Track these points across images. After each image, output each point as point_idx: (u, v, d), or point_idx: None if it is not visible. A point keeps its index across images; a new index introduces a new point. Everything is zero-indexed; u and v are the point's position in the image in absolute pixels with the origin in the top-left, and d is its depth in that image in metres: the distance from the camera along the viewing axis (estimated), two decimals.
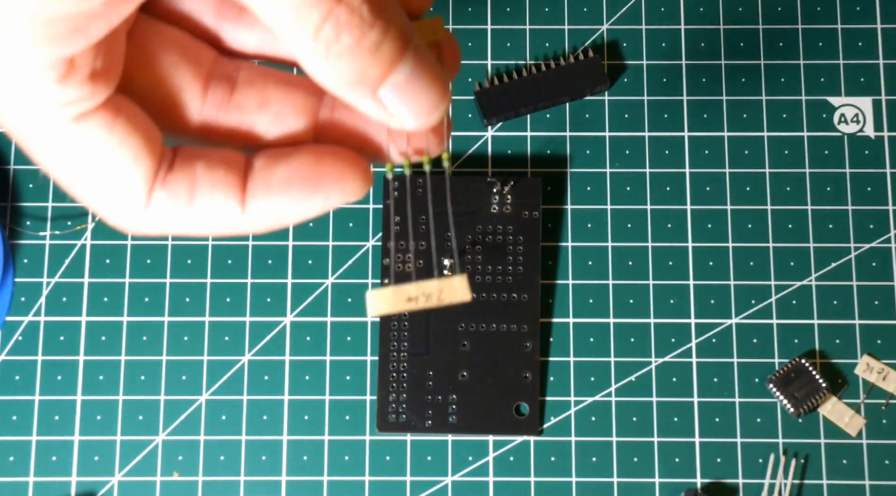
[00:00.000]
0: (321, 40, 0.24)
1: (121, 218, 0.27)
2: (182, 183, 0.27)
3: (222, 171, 0.27)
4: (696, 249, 0.53)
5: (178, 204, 0.27)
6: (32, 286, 0.53)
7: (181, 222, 0.27)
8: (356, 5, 0.24)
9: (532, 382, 0.52)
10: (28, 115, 0.25)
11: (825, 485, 0.51)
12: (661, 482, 0.51)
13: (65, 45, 0.24)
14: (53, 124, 0.25)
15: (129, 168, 0.26)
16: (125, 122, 0.26)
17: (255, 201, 0.27)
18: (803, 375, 0.51)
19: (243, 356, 0.53)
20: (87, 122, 0.25)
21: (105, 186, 0.26)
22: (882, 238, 0.53)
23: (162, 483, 0.51)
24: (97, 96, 0.25)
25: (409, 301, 0.28)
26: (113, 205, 0.27)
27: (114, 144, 0.26)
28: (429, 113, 0.26)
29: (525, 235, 0.53)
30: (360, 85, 0.25)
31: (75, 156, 0.26)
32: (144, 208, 0.27)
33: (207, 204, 0.27)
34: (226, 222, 0.27)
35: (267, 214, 0.27)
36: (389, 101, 0.25)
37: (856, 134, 0.55)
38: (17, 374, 0.52)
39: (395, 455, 0.51)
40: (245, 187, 0.27)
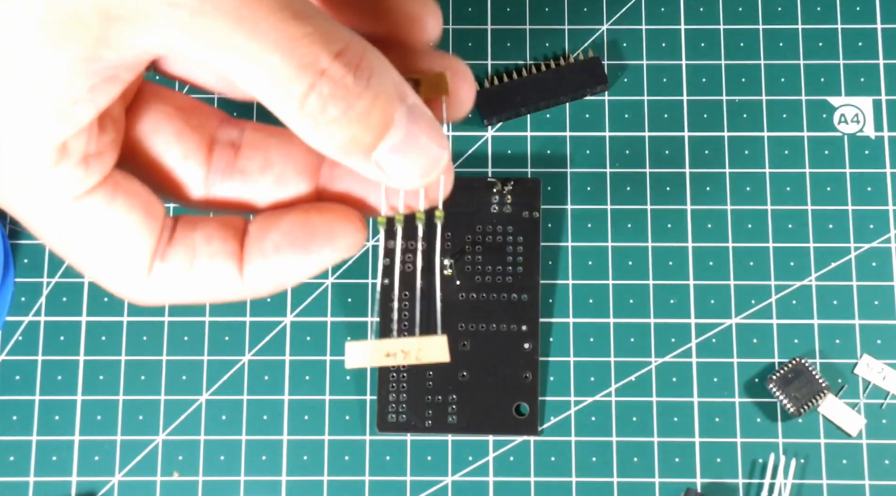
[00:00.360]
0: (307, 113, 0.24)
1: (123, 290, 0.27)
2: (181, 254, 0.27)
3: (219, 241, 0.27)
4: (696, 249, 0.53)
5: (179, 274, 0.27)
6: (33, 286, 0.53)
7: (182, 291, 0.27)
8: (339, 76, 0.23)
9: (532, 382, 0.52)
10: (24, 199, 0.25)
11: (825, 484, 0.51)
12: (661, 482, 0.51)
13: (54, 133, 0.24)
14: (51, 205, 0.25)
15: (129, 244, 0.26)
16: (124, 200, 0.26)
17: (251, 268, 0.27)
18: (803, 375, 0.51)
19: (243, 356, 0.53)
20: (84, 202, 0.25)
21: (106, 261, 0.26)
22: (882, 238, 0.53)
23: (162, 483, 0.51)
24: (93, 177, 0.25)
25: (388, 356, 0.28)
26: (114, 278, 0.27)
27: (112, 222, 0.26)
28: (426, 172, 0.26)
29: (525, 235, 0.53)
30: (354, 150, 0.25)
31: (74, 234, 0.26)
32: (145, 280, 0.27)
33: (206, 273, 0.27)
34: (226, 290, 0.27)
35: (264, 279, 0.27)
36: (385, 163, 0.25)
37: (856, 134, 0.55)
38: (17, 374, 0.52)
39: (395, 455, 0.51)
40: (242, 254, 0.27)
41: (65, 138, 0.24)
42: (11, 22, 0.23)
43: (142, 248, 0.26)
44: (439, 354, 0.28)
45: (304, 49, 0.23)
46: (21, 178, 0.25)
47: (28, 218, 0.26)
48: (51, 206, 0.25)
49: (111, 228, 0.26)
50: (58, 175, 0.25)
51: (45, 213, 0.25)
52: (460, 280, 0.53)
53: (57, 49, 0.23)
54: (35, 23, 0.23)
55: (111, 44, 0.23)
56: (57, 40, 0.23)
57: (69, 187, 0.25)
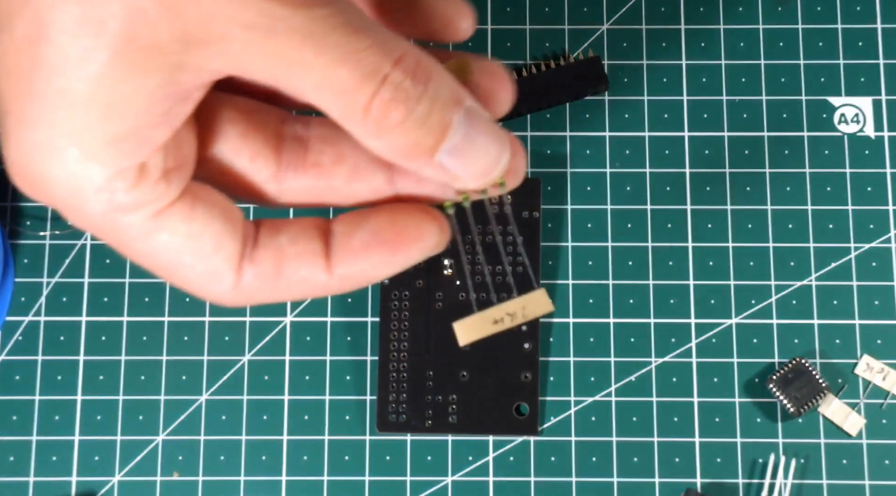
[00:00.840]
0: (371, 120, 0.25)
1: (213, 297, 0.28)
2: (268, 258, 0.27)
3: (305, 242, 0.28)
4: (696, 249, 0.53)
5: (267, 278, 0.27)
6: (32, 286, 0.53)
7: (271, 293, 0.28)
8: (399, 81, 0.24)
9: (532, 382, 0.52)
10: (106, 221, 0.26)
11: (825, 484, 0.51)
12: (660, 482, 0.51)
13: (132, 156, 0.25)
14: (133, 225, 0.26)
15: (214, 255, 0.27)
16: (203, 209, 0.27)
17: (340, 267, 0.28)
18: (803, 375, 0.51)
19: (243, 356, 0.53)
20: (165, 218, 0.26)
21: (192, 270, 0.27)
22: (882, 238, 0.53)
23: (162, 483, 0.51)
24: (172, 192, 0.26)
25: (496, 323, 0.29)
26: (203, 287, 0.27)
27: (194, 234, 0.26)
28: (489, 170, 0.26)
29: (525, 235, 0.53)
30: (416, 155, 0.25)
31: (158, 250, 0.27)
32: (234, 287, 0.27)
33: (295, 275, 0.27)
34: (314, 289, 0.28)
35: (353, 277, 0.28)
36: (449, 164, 0.26)
37: (856, 134, 0.55)
38: (17, 374, 0.52)
39: (395, 455, 0.51)
40: (329, 254, 0.28)
41: (143, 159, 0.25)
42: (92, 55, 0.23)
43: (227, 253, 0.27)
44: (543, 307, 0.28)
45: (368, 59, 0.24)
46: (102, 203, 0.25)
47: (110, 238, 0.27)
48: (131, 225, 0.26)
49: (194, 239, 0.26)
50: (138, 194, 0.25)
51: (128, 231, 0.26)
52: (460, 280, 0.53)
53: (137, 79, 0.24)
54: (115, 54, 0.23)
55: (188, 68, 0.24)
56: (137, 71, 0.24)
57: (150, 204, 0.26)
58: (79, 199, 0.25)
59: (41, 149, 0.25)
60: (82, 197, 0.25)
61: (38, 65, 0.24)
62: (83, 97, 0.24)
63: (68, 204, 0.26)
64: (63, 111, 0.24)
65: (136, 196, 0.25)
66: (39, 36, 0.23)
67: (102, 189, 0.25)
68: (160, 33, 0.23)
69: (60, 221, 0.54)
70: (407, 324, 0.52)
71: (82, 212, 0.26)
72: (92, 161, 0.24)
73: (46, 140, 0.24)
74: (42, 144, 0.24)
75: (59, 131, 0.24)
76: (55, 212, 0.54)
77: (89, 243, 0.54)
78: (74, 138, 0.24)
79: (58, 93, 0.24)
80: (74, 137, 0.24)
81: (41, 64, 0.24)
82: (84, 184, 0.25)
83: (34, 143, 0.25)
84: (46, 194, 0.26)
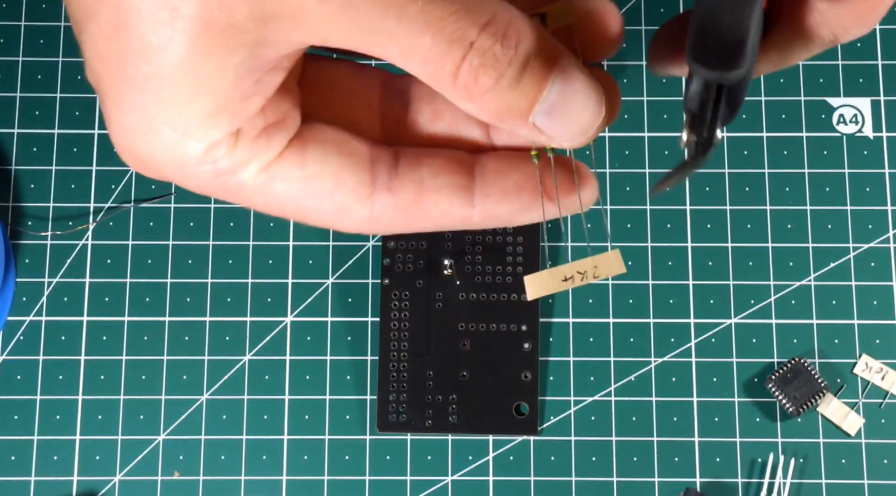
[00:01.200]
0: (460, 86, 0.25)
1: (351, 228, 0.28)
2: (408, 189, 0.27)
3: (447, 176, 0.27)
4: (695, 249, 0.54)
5: (405, 209, 0.27)
6: (34, 286, 0.53)
7: (409, 223, 0.28)
8: (488, 47, 0.24)
9: (532, 382, 0.52)
10: (219, 185, 0.26)
11: (824, 484, 0.51)
12: (660, 481, 0.51)
13: (226, 127, 0.25)
14: (245, 183, 0.26)
15: (336, 192, 0.27)
16: (316, 153, 0.27)
17: (485, 204, 0.28)
18: (802, 375, 0.51)
19: (244, 356, 0.53)
20: (276, 168, 0.26)
21: (320, 212, 0.27)
22: (881, 238, 0.53)
23: (163, 482, 0.51)
24: (276, 145, 0.26)
25: (566, 281, 0.28)
26: (337, 224, 0.28)
27: (310, 177, 0.27)
28: (585, 131, 0.26)
29: (525, 235, 0.53)
30: (510, 116, 0.25)
31: (279, 199, 0.27)
32: (368, 218, 0.27)
33: (435, 208, 0.27)
34: (453, 222, 0.28)
35: (495, 217, 0.28)
36: (543, 125, 0.26)
37: (854, 134, 0.55)
38: (18, 374, 0.52)
39: (395, 455, 0.51)
40: (473, 190, 0.27)
41: (238, 126, 0.25)
42: (172, 40, 0.24)
43: (350, 188, 0.27)
44: (615, 267, 0.28)
45: (453, 26, 0.24)
46: (204, 172, 0.26)
47: (229, 197, 0.27)
48: (245, 182, 0.26)
49: (311, 181, 0.27)
50: (239, 155, 0.26)
51: (242, 190, 0.26)
52: (460, 280, 0.53)
53: (219, 59, 0.24)
54: (194, 38, 0.24)
55: (269, 43, 0.24)
56: (218, 51, 0.24)
57: (256, 160, 0.26)
58: (184, 172, 0.26)
59: (139, 130, 0.25)
60: (187, 170, 0.26)
61: (125, 51, 0.24)
62: (170, 80, 0.24)
63: (176, 178, 0.26)
64: (153, 94, 0.24)
65: (238, 157, 0.26)
66: (122, 24, 0.24)
67: (202, 161, 0.25)
68: (235, 13, 0.24)
69: (62, 221, 0.54)
70: (407, 324, 0.52)
71: (192, 182, 0.26)
72: (187, 137, 0.25)
73: (142, 122, 0.25)
74: (139, 126, 0.25)
75: (153, 113, 0.25)
76: (56, 212, 0.54)
77: (90, 243, 0.54)
78: (167, 118, 0.25)
79: (147, 77, 0.24)
80: (167, 117, 0.25)
81: (128, 50, 0.24)
82: (184, 159, 0.25)
83: (132, 125, 0.25)
84: (153, 171, 0.26)
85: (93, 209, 0.54)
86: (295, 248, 0.54)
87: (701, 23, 0.25)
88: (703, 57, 0.25)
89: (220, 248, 0.54)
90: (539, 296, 0.28)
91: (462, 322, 0.52)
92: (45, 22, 0.56)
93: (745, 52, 0.25)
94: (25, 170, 0.55)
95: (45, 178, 0.54)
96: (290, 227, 0.54)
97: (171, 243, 0.54)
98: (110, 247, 0.54)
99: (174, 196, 0.54)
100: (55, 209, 0.54)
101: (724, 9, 0.25)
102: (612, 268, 0.28)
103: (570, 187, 0.28)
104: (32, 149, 0.55)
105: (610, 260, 0.28)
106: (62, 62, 0.56)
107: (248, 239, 0.54)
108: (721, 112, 0.26)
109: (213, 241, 0.54)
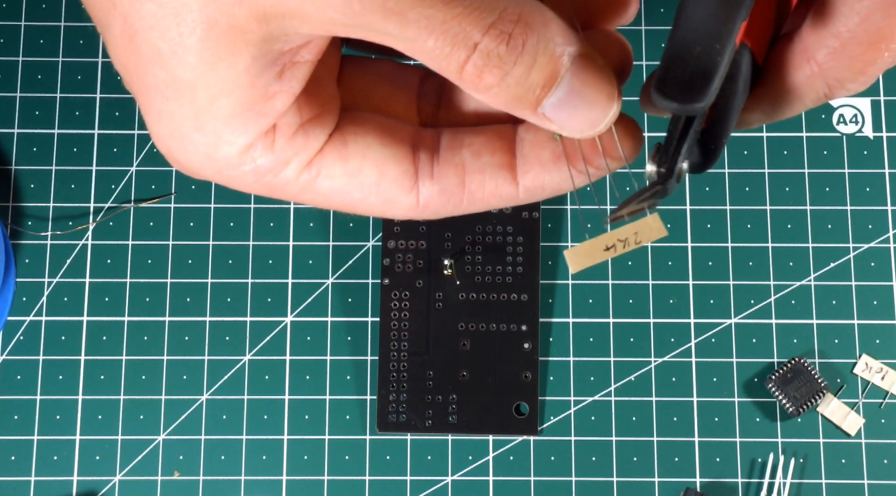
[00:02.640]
0: (466, 81, 0.25)
1: (400, 216, 0.28)
2: (451, 174, 0.27)
3: (488, 155, 0.27)
4: (695, 249, 0.54)
5: (451, 193, 0.27)
6: (34, 286, 0.53)
7: (457, 207, 0.28)
8: (492, 48, 0.24)
9: (532, 382, 0.52)
10: (265, 185, 0.27)
11: (824, 484, 0.51)
12: (660, 481, 0.51)
13: (256, 126, 0.25)
14: (290, 181, 0.26)
15: (380, 183, 0.27)
16: (357, 146, 0.27)
17: (527, 178, 0.28)
18: (802, 375, 0.51)
19: (244, 356, 0.53)
20: (318, 164, 0.27)
21: (367, 204, 0.27)
22: (881, 238, 0.53)
23: (163, 482, 0.51)
24: (316, 141, 0.26)
25: (608, 250, 0.28)
26: (385, 213, 0.28)
27: (354, 171, 0.27)
28: (594, 124, 0.26)
29: (525, 235, 0.53)
30: (519, 108, 0.25)
31: (325, 195, 0.27)
32: (415, 206, 0.27)
33: (479, 190, 0.27)
34: (500, 201, 0.28)
35: (539, 189, 0.28)
36: (553, 116, 0.26)
37: (854, 134, 0.55)
38: (18, 374, 0.52)
39: (395, 455, 0.51)
40: (515, 165, 0.27)
41: (269, 125, 0.25)
42: (180, 46, 0.24)
43: (395, 178, 0.27)
44: (656, 231, 0.28)
45: (455, 29, 0.24)
46: (246, 173, 0.26)
47: (277, 196, 0.27)
48: (289, 180, 0.26)
49: (355, 175, 0.27)
50: (279, 154, 0.26)
51: (287, 188, 0.27)
52: (460, 280, 0.53)
53: (229, 59, 0.24)
54: (201, 42, 0.24)
55: (277, 38, 0.24)
56: (226, 52, 0.24)
57: (297, 158, 0.26)
58: (227, 175, 0.26)
59: (174, 137, 0.25)
60: (229, 173, 0.26)
61: (140, 60, 0.25)
62: (188, 86, 0.24)
63: (220, 180, 0.26)
64: (175, 100, 0.25)
65: (277, 156, 0.26)
66: (133, 33, 0.24)
67: (240, 163, 0.26)
68: (236, 15, 0.24)
69: (62, 221, 0.54)
70: (407, 324, 0.52)
71: (237, 183, 0.26)
72: (219, 141, 0.25)
73: (174, 128, 0.25)
74: (173, 133, 0.25)
75: (180, 119, 0.25)
76: (56, 212, 0.54)
77: (90, 243, 0.54)
78: (195, 123, 0.25)
79: (165, 84, 0.25)
80: (195, 122, 0.25)
81: (143, 58, 0.24)
82: (222, 164, 0.26)
83: (167, 132, 0.25)
84: (200, 175, 0.27)
85: (93, 209, 0.54)
86: (295, 247, 0.54)
87: (670, 56, 0.25)
88: (666, 88, 0.25)
89: (220, 247, 0.54)
90: (581, 268, 0.28)
91: (462, 322, 0.52)
92: (45, 22, 0.56)
93: (709, 87, 0.25)
94: (25, 170, 0.55)
95: (45, 178, 0.54)
96: (290, 227, 0.54)
97: (171, 243, 0.54)
98: (110, 247, 0.54)
99: (174, 196, 0.54)
100: (55, 209, 0.54)
101: (695, 45, 0.25)
102: (653, 232, 0.28)
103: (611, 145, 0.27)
104: (32, 149, 0.55)
105: (650, 224, 0.28)
106: (62, 62, 0.56)
107: (248, 239, 0.54)
108: (686, 146, 0.26)
109: (213, 241, 0.54)
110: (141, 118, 0.55)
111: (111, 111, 0.55)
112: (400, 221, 0.53)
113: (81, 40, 0.56)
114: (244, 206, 0.54)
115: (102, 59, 0.56)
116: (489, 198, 0.28)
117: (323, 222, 0.54)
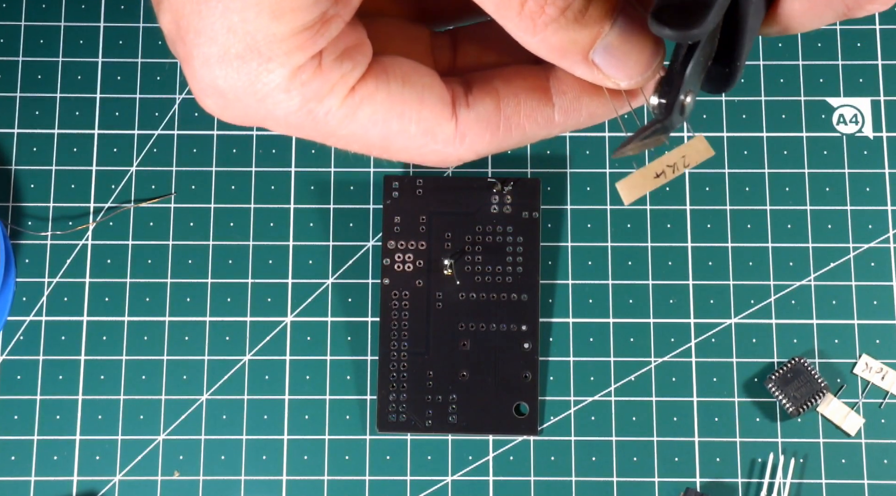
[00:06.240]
0: (527, 15, 0.25)
1: (440, 156, 0.28)
2: (486, 98, 0.28)
3: (520, 80, 0.28)
4: (695, 249, 0.54)
5: (488, 119, 0.27)
6: (34, 286, 0.53)
7: (495, 136, 0.28)
8: None
9: (532, 382, 0.52)
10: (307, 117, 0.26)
11: (824, 484, 0.51)
12: (660, 481, 0.51)
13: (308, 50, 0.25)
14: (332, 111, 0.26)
15: (421, 110, 0.27)
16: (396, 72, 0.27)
17: (565, 100, 0.28)
18: (802, 375, 0.51)
19: (244, 356, 0.53)
20: (360, 91, 0.27)
21: (408, 137, 0.27)
22: (881, 238, 0.53)
23: (163, 482, 0.51)
24: (358, 68, 0.26)
25: (658, 177, 0.28)
26: (425, 148, 0.28)
27: (394, 97, 0.27)
28: (641, 71, 0.26)
29: (525, 235, 0.53)
30: (571, 52, 0.25)
31: (366, 126, 0.27)
32: (455, 137, 0.27)
33: (517, 112, 0.28)
34: (540, 125, 0.28)
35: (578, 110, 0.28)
36: (602, 63, 0.26)
37: (854, 134, 0.55)
38: (18, 374, 0.52)
39: (395, 455, 0.51)
40: (549, 89, 0.28)
41: (319, 50, 0.25)
42: None
43: (434, 103, 0.27)
44: (703, 152, 0.28)
45: None
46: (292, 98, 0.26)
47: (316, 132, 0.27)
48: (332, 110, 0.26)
49: (396, 102, 0.27)
50: (325, 77, 0.26)
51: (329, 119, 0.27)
52: (460, 280, 0.53)
53: None
54: None
55: None
56: None
57: (341, 83, 0.26)
58: (272, 102, 0.26)
59: (223, 59, 0.25)
60: (275, 99, 0.26)
61: None
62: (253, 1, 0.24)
63: (264, 112, 0.26)
64: (237, 15, 0.25)
65: (324, 79, 0.26)
66: None
67: (289, 86, 0.26)
68: None
69: (62, 221, 0.54)
70: (407, 324, 0.52)
71: (280, 114, 0.26)
72: (272, 62, 0.25)
73: (228, 49, 0.25)
74: (223, 55, 0.25)
75: (237, 37, 0.25)
76: (56, 212, 0.54)
77: (90, 243, 0.54)
78: (251, 41, 0.25)
79: None
80: (251, 41, 0.25)
81: None
82: (270, 87, 0.26)
83: (215, 54, 0.25)
84: (236, 107, 0.26)
85: (93, 209, 0.54)
86: (295, 247, 0.54)
87: None
88: (662, 14, 0.24)
89: (220, 248, 0.54)
90: (635, 198, 0.28)
91: (462, 322, 0.52)
92: (45, 22, 0.56)
93: (708, 11, 0.24)
94: (25, 170, 0.55)
95: (45, 178, 0.54)
96: (290, 227, 0.54)
97: (171, 243, 0.54)
98: (110, 247, 0.54)
99: (174, 196, 0.54)
100: (55, 209, 0.54)
101: None
102: (701, 153, 0.28)
103: None
104: (32, 149, 0.55)
105: (696, 147, 0.27)
106: (62, 62, 0.56)
107: (248, 239, 0.54)
108: (687, 77, 0.26)
109: (213, 241, 0.54)
110: (141, 118, 0.55)
111: (111, 111, 0.55)
112: (400, 221, 0.53)
113: (81, 40, 0.56)
114: (244, 206, 0.54)
115: (102, 59, 0.56)
116: (526, 122, 0.28)
117: (323, 222, 0.54)
